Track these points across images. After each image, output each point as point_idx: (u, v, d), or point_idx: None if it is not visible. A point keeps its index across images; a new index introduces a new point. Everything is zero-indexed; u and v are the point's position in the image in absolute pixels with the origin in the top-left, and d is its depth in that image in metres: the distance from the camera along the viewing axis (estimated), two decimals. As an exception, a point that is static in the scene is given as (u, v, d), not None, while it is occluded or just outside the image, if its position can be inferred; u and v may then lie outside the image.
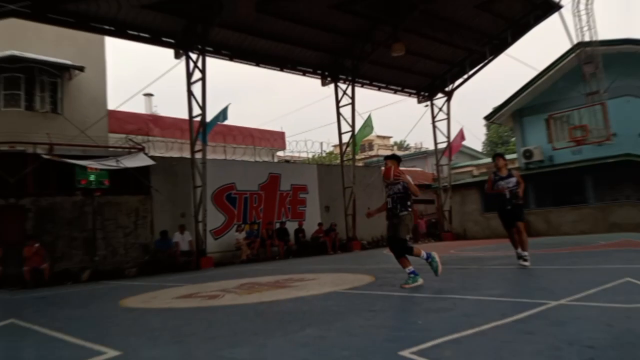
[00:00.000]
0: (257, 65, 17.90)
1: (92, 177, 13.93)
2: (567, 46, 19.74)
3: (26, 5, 13.03)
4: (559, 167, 20.34)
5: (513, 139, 33.86)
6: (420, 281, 6.59)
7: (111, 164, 14.04)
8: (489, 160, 35.32)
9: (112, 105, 18.00)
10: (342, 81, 19.65)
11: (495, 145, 45.26)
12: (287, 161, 22.63)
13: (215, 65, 66.76)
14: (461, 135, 22.16)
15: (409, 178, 6.75)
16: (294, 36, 17.23)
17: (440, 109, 22.72)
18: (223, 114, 15.29)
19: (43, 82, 16.67)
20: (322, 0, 15.84)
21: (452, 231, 22.35)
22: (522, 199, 8.21)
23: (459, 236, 22.15)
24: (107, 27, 14.72)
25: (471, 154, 34.85)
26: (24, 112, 16.19)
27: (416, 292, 6.15)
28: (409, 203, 6.69)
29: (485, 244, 16.90)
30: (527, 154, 21.14)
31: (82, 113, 16.50)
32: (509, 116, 22.95)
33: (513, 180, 8.19)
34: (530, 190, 21.00)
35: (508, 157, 31.84)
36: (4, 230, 12.61)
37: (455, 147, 22.45)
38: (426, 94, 22.88)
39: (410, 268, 6.65)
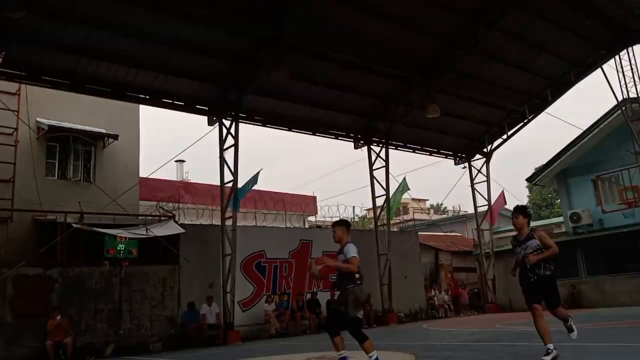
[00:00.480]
0: (290, 130, 17.85)
1: (120, 247, 13.75)
2: (613, 102, 18.96)
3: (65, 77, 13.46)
4: (610, 231, 19.10)
5: (558, 201, 32.53)
6: None
7: (141, 232, 13.87)
8: (533, 224, 33.81)
9: (143, 172, 18.10)
10: (375, 144, 19.34)
11: (539, 208, 43.71)
12: (318, 227, 22.06)
13: (245, 129, 68.29)
14: (502, 199, 21.25)
15: (351, 253, 5.90)
16: (327, 100, 17.20)
17: (479, 171, 22.01)
18: (254, 180, 15.07)
19: (77, 150, 16.96)
20: (355, 64, 15.82)
21: (497, 302, 20.91)
22: (549, 268, 6.01)
23: (504, 308, 20.63)
24: (142, 95, 15.00)
25: (513, 217, 33.47)
26: (57, 181, 16.38)
27: None
28: (357, 276, 5.90)
29: (534, 316, 15.61)
30: (575, 218, 19.96)
31: (114, 181, 16.57)
32: (552, 177, 21.97)
33: (533, 243, 6.05)
34: (580, 257, 19.74)
35: (554, 220, 30.34)
36: (29, 302, 12.31)
37: (495, 210, 21.48)
38: (463, 155, 22.31)
39: (344, 354, 5.71)
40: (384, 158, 19.05)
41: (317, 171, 77.27)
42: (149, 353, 12.91)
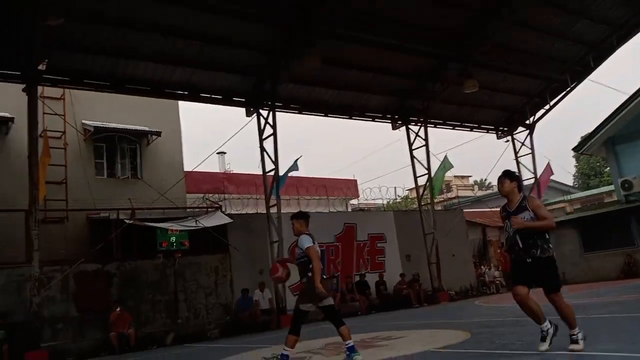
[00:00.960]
0: (326, 115, 17.88)
1: (172, 239, 14.16)
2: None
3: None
4: (664, 197, 18.35)
5: (607, 170, 31.46)
6: None
7: (190, 224, 14.25)
8: (583, 194, 32.82)
9: (187, 166, 18.54)
10: (413, 123, 19.12)
11: (587, 178, 42.35)
12: (361, 209, 22.08)
13: (283, 116, 68.51)
14: (549, 170, 20.71)
15: (305, 244, 5.91)
16: (361, 83, 17.12)
17: (523, 144, 21.53)
18: (293, 167, 15.24)
19: (123, 149, 17.54)
20: (387, 45, 15.63)
21: (549, 275, 20.49)
22: (547, 249, 4.98)
23: (557, 280, 20.21)
24: (180, 92, 15.29)
25: (562, 189, 32.58)
26: (106, 180, 16.99)
27: (519, 349, 5.46)
28: (310, 266, 5.86)
29: (588, 288, 15.27)
30: (626, 185, 19.25)
31: (160, 176, 17.05)
32: (600, 145, 21.22)
33: (526, 216, 5.01)
34: (634, 225, 19.09)
35: (604, 189, 29.28)
36: (91, 296, 12.89)
37: (543, 183, 20.97)
38: (505, 128, 21.85)
39: (287, 352, 5.73)
40: (423, 137, 18.84)
41: (356, 154, 77.01)
42: (207, 340, 13.32)
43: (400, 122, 19.16)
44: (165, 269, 14.09)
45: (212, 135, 50.09)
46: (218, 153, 26.90)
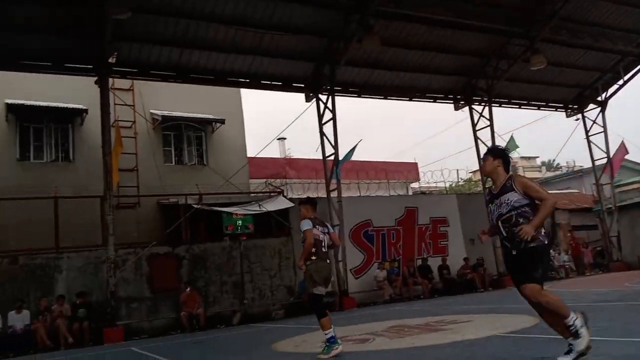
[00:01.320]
0: (385, 98, 17.69)
1: (238, 223, 14.62)
2: None
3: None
4: None
5: (688, 147, 29.31)
6: (337, 349, 5.69)
7: (254, 208, 14.65)
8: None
9: (250, 152, 18.94)
10: (477, 103, 18.57)
11: (665, 157, 39.56)
12: (422, 193, 21.77)
13: (342, 101, 68.32)
14: (623, 148, 19.57)
15: (303, 227, 6.07)
16: (421, 63, 16.81)
17: (594, 122, 20.42)
18: (352, 151, 15.25)
19: (190, 137, 18.16)
20: (448, 22, 15.20)
21: (623, 260, 19.50)
22: (534, 236, 3.97)
23: (632, 265, 19.18)
24: (242, 79, 15.60)
25: (637, 168, 30.71)
26: (174, 166, 17.66)
27: (596, 335, 5.16)
28: (313, 250, 6.00)
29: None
30: None
31: (225, 162, 17.52)
32: (679, 121, 19.81)
33: (511, 198, 4.14)
34: None
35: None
36: (162, 278, 13.52)
37: (616, 162, 19.86)
38: (575, 106, 20.81)
39: (329, 333, 5.77)
40: (488, 117, 18.26)
41: (416, 137, 75.72)
42: (272, 320, 13.71)
43: (463, 102, 18.69)
44: (232, 251, 14.55)
45: (272, 121, 50.77)
46: (278, 139, 27.35)
